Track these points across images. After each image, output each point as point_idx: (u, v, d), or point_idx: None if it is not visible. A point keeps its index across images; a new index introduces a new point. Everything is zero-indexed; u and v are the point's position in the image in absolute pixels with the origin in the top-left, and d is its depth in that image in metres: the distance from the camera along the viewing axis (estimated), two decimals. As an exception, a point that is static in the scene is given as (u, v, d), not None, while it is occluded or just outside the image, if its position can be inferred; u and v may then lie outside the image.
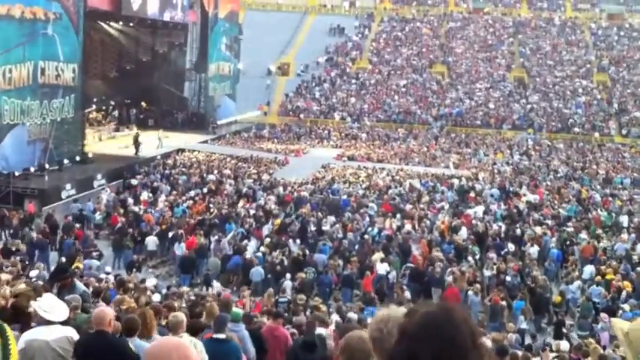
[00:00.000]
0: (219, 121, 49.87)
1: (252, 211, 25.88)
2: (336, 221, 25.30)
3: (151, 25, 44.66)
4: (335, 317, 14.30)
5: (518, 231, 25.06)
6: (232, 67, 53.70)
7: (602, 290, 19.60)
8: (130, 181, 30.24)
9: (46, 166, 29.14)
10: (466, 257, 22.28)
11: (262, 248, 21.93)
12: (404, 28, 70.45)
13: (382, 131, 52.66)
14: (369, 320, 14.47)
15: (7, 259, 17.26)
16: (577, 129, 53.58)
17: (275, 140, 47.90)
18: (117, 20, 41.30)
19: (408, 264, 21.41)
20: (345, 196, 29.07)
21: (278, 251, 21.45)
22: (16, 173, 26.97)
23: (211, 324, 9.64)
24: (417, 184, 32.46)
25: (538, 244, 23.52)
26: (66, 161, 30.75)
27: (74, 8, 31.14)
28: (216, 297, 15.39)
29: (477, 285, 19.48)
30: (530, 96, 58.87)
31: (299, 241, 23.08)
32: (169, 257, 22.98)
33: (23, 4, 27.90)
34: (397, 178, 33.85)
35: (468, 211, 28.17)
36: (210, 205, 26.68)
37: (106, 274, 16.99)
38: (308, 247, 22.39)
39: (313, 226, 24.60)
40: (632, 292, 19.62)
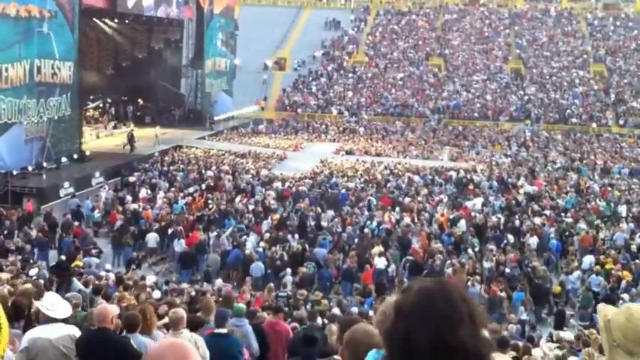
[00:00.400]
0: (217, 117, 49.82)
1: (251, 207, 25.88)
2: (335, 215, 25.33)
3: (147, 21, 44.56)
4: (336, 311, 14.34)
5: (517, 222, 25.11)
6: (229, 62, 53.61)
7: (602, 280, 19.66)
8: (128, 179, 30.23)
9: (44, 164, 29.10)
10: (465, 249, 22.32)
11: (262, 243, 21.95)
12: (400, 21, 70.35)
13: (380, 125, 52.62)
14: (370, 313, 14.55)
15: (5, 259, 17.28)
16: (574, 120, 53.57)
17: (273, 135, 47.89)
18: (112, 17, 41.22)
19: (407, 257, 21.45)
20: (343, 190, 29.09)
21: (278, 246, 21.47)
22: (14, 172, 26.94)
23: (210, 319, 9.67)
24: (415, 177, 32.48)
25: (537, 235, 23.55)
26: (64, 159, 30.71)
27: (69, 6, 31.06)
28: (217, 292, 15.42)
29: (476, 277, 19.52)
30: (527, 87, 58.82)
31: (298, 235, 23.12)
32: (169, 254, 22.99)
33: (18, 3, 27.80)
34: (395, 171, 33.86)
35: (467, 203, 28.22)
36: (209, 201, 26.68)
37: (106, 271, 17.00)
38: (307, 241, 22.41)
39: (312, 221, 24.62)
40: (632, 282, 19.68)
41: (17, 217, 23.42)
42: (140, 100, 46.28)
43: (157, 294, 14.13)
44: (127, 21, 42.51)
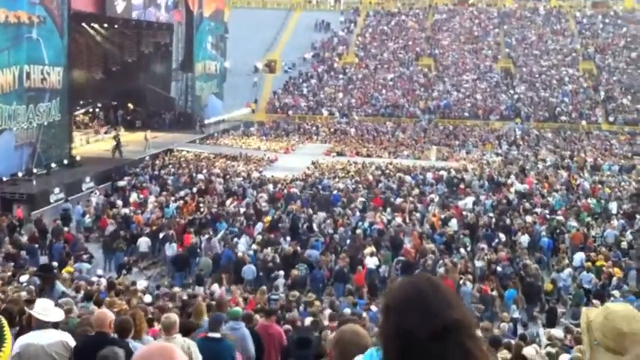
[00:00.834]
0: (207, 120, 49.79)
1: (243, 210, 25.85)
2: (326, 217, 25.34)
3: (136, 26, 44.51)
4: (328, 312, 14.33)
5: (509, 221, 25.19)
6: (219, 65, 53.59)
7: (593, 277, 19.74)
8: (117, 184, 30.07)
9: (34, 170, 29.01)
10: (457, 249, 22.36)
11: (254, 246, 21.93)
12: (390, 21, 70.47)
13: (371, 125, 52.68)
14: (364, 315, 14.57)
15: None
16: (564, 117, 53.76)
17: (264, 138, 47.89)
18: (101, 22, 41.14)
19: (399, 257, 21.48)
20: (335, 192, 29.11)
21: (270, 248, 21.45)
22: (3, 178, 26.84)
23: (202, 323, 9.66)
24: (407, 177, 32.54)
25: (529, 233, 23.63)
26: (54, 165, 30.62)
27: (58, 11, 30.99)
28: (209, 296, 15.41)
29: (468, 275, 19.56)
30: (517, 86, 59.02)
31: (290, 237, 23.11)
32: (160, 258, 22.94)
33: (7, 9, 27.73)
34: (387, 172, 33.90)
35: (459, 202, 28.28)
36: (201, 204, 26.64)
37: (98, 277, 16.95)
38: (299, 243, 22.40)
39: (304, 223, 24.62)
40: (623, 279, 19.76)
41: (7, 224, 23.31)
42: (130, 104, 46.18)
43: (147, 298, 14.10)
44: (116, 25, 42.45)
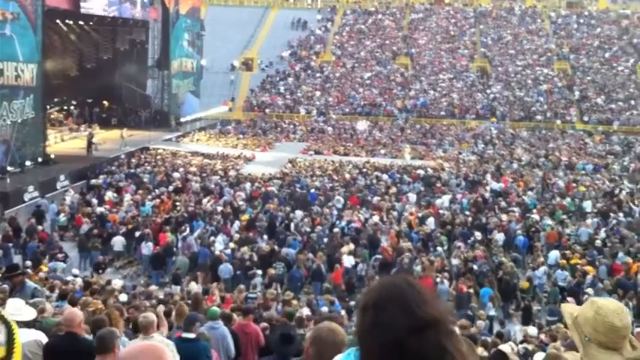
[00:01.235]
0: (184, 119, 49.50)
1: (220, 208, 25.74)
2: (304, 215, 25.32)
3: (111, 22, 44.08)
4: (305, 311, 14.30)
5: (484, 219, 25.36)
6: (195, 63, 53.28)
7: (568, 275, 19.94)
8: (91, 182, 29.74)
9: (8, 168, 28.62)
10: (434, 247, 22.47)
11: (231, 244, 21.84)
12: (366, 20, 70.62)
13: (348, 124, 52.74)
14: (342, 313, 14.58)
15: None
16: (539, 117, 54.26)
17: (241, 136, 47.73)
18: (76, 19, 40.68)
19: (376, 255, 21.53)
20: (312, 190, 29.09)
21: (247, 247, 21.39)
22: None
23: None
24: (384, 176, 32.63)
25: (504, 231, 23.81)
26: (28, 163, 30.23)
27: (32, 7, 30.54)
28: (186, 295, 15.32)
29: (445, 274, 19.66)
30: (493, 85, 59.47)
31: (267, 236, 23.05)
32: (136, 257, 22.76)
33: (-20, 5, 27.35)
34: (364, 170, 33.96)
35: (436, 201, 28.40)
36: (177, 203, 26.47)
37: (73, 276, 16.78)
38: (277, 242, 22.36)
39: (281, 221, 24.58)
40: (597, 276, 19.96)
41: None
42: (105, 101, 45.74)
43: (123, 297, 13.98)
44: (91, 22, 42.00)
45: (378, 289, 2.02)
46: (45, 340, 6.39)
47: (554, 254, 21.80)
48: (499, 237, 23.18)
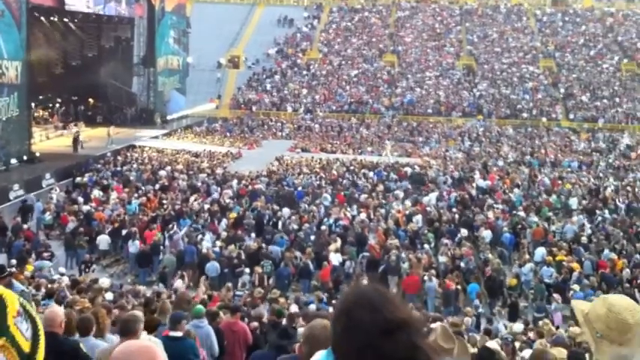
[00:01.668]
0: (170, 116, 49.30)
1: (207, 206, 25.66)
2: (291, 213, 25.30)
3: (96, 19, 43.83)
4: (294, 308, 14.29)
5: (471, 216, 25.45)
6: (181, 60, 53.09)
7: (554, 271, 20.05)
8: (77, 180, 29.53)
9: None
10: (421, 244, 22.50)
11: (218, 243, 21.78)
12: (353, 18, 70.65)
13: (335, 122, 52.74)
14: (330, 310, 14.57)
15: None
16: (525, 114, 54.52)
17: (227, 134, 47.60)
18: (61, 16, 40.41)
19: (364, 253, 21.55)
20: (300, 188, 29.07)
21: (234, 245, 21.33)
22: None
23: (167, 320, 9.56)
24: (370, 173, 32.68)
25: (491, 228, 23.90)
26: (13, 161, 30.01)
27: (16, 4, 30.29)
28: (173, 294, 15.24)
29: (432, 271, 19.69)
30: (479, 83, 59.66)
31: (255, 234, 23.01)
32: (123, 255, 22.64)
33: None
34: (352, 168, 33.97)
35: (423, 199, 28.45)
36: (164, 201, 26.36)
37: (60, 274, 16.67)
38: (264, 240, 22.32)
39: (269, 219, 24.55)
40: (582, 273, 20.08)
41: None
42: (91, 99, 45.47)
43: (109, 296, 13.90)
44: (75, 19, 41.73)
45: (348, 296, 2.09)
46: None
47: (541, 251, 21.90)
48: (486, 234, 23.27)
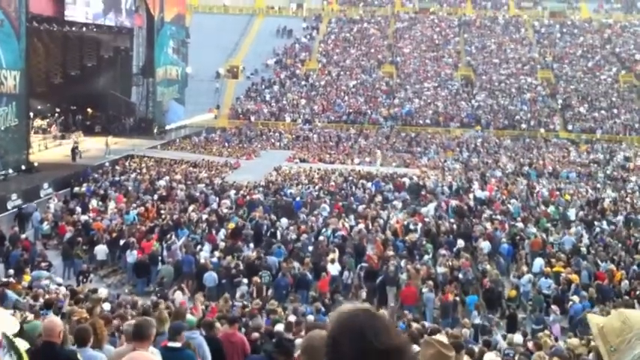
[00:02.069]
0: (168, 126, 49.30)
1: (205, 216, 25.63)
2: (290, 223, 25.27)
3: (96, 30, 43.91)
4: (292, 319, 14.25)
5: (470, 227, 25.41)
6: (180, 70, 53.16)
7: (552, 283, 20.02)
8: (75, 190, 29.49)
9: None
10: (420, 255, 22.46)
11: (216, 253, 21.74)
12: (352, 28, 70.83)
13: (333, 132, 52.79)
14: (327, 320, 14.53)
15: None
16: (523, 125, 54.61)
17: (226, 144, 47.60)
18: (60, 26, 40.48)
19: (362, 264, 21.51)
20: (298, 198, 29.05)
21: (232, 255, 21.30)
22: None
23: (164, 330, 9.53)
24: (368, 184, 32.67)
25: (489, 239, 23.87)
26: (11, 171, 29.99)
27: (16, 14, 30.34)
28: (172, 304, 15.20)
29: (429, 282, 19.62)
30: (477, 94, 59.78)
31: (253, 244, 22.97)
32: (121, 265, 22.59)
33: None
34: (350, 178, 33.97)
35: (421, 209, 28.42)
36: (162, 211, 26.33)
37: (57, 285, 16.63)
38: (263, 250, 22.27)
39: (267, 229, 24.51)
40: (580, 284, 20.06)
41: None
42: (90, 109, 45.44)
43: (106, 306, 13.87)
44: (74, 29, 41.80)
45: (337, 321, 2.08)
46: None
47: (539, 262, 21.87)
48: (484, 245, 23.23)
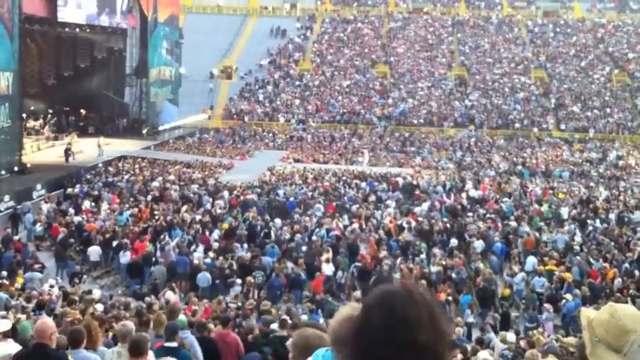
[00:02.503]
0: (162, 127, 49.24)
1: (199, 217, 25.61)
2: (283, 223, 25.28)
3: (89, 30, 43.83)
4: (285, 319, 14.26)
5: (463, 226, 25.47)
6: (174, 71, 53.09)
7: (545, 281, 20.08)
8: (68, 191, 29.43)
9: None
10: (413, 254, 22.50)
11: (210, 253, 21.73)
12: (345, 28, 70.83)
13: (327, 132, 52.81)
14: (320, 321, 14.54)
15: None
16: (517, 125, 54.73)
17: (220, 144, 47.58)
18: (53, 26, 40.38)
19: (356, 263, 21.53)
20: (291, 198, 29.05)
21: (226, 255, 21.30)
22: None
23: (162, 333, 9.55)
24: (362, 184, 32.71)
25: (482, 238, 23.92)
26: (3, 172, 29.92)
27: (9, 15, 30.28)
28: (165, 305, 15.20)
29: (422, 281, 19.63)
30: (471, 93, 59.88)
31: (247, 244, 22.97)
32: (114, 267, 22.56)
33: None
34: (344, 178, 33.99)
35: (416, 209, 28.48)
36: (155, 212, 26.30)
37: (50, 286, 16.61)
38: (256, 250, 22.27)
39: (261, 230, 24.51)
40: (573, 282, 20.12)
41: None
42: (83, 110, 45.33)
43: (99, 307, 13.87)
44: (67, 30, 41.70)
45: (374, 300, 1.91)
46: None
47: (532, 261, 21.94)
48: (477, 244, 23.28)
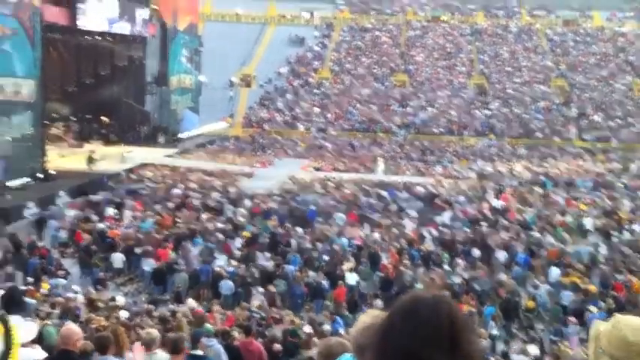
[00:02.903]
0: (182, 135, 49.51)
1: (220, 225, 25.66)
2: (305, 232, 25.27)
3: (110, 39, 44.20)
4: (307, 329, 14.26)
5: (486, 236, 25.31)
6: (194, 79, 53.41)
7: (571, 293, 19.89)
8: (91, 198, 29.63)
9: (8, 184, 28.52)
10: (436, 264, 22.40)
11: (232, 262, 21.77)
12: (364, 37, 70.95)
13: (347, 140, 52.80)
14: (340, 331, 14.50)
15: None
16: (538, 134, 54.39)
17: (240, 152, 47.73)
18: (74, 35, 40.76)
19: (377, 272, 21.47)
20: (313, 207, 29.04)
21: (248, 264, 21.33)
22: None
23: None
24: (383, 192, 32.62)
25: (505, 248, 23.76)
26: (27, 179, 30.17)
27: (30, 23, 30.60)
28: (188, 313, 15.22)
29: (445, 292, 19.54)
30: (491, 102, 59.64)
31: (268, 253, 22.99)
32: (137, 274, 22.65)
33: (-22, 21, 27.43)
34: (364, 187, 33.91)
35: (436, 218, 28.36)
36: (177, 219, 26.40)
37: (74, 293, 16.69)
38: (278, 259, 22.29)
39: (282, 238, 24.52)
40: (598, 294, 19.93)
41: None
42: (104, 117, 45.70)
43: (124, 314, 13.91)
44: (88, 37, 42.09)
45: (401, 305, 1.91)
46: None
47: (555, 272, 21.76)
48: (500, 255, 23.12)
